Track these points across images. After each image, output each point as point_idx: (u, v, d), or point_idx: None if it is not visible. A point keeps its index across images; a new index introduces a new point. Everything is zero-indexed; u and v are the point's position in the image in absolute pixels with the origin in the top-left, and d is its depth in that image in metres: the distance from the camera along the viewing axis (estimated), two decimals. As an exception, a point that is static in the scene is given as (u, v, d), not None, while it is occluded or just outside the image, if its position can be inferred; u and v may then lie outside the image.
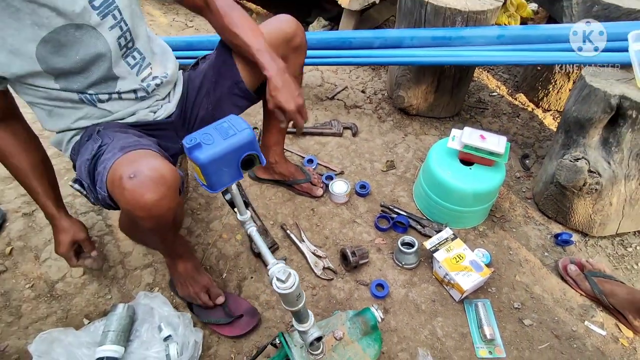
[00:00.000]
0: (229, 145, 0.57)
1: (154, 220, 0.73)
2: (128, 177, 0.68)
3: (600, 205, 1.24)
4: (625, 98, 1.07)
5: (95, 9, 0.79)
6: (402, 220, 1.36)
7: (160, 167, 0.71)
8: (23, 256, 1.27)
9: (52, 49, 0.76)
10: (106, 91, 0.89)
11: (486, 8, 1.42)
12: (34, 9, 0.72)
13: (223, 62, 1.06)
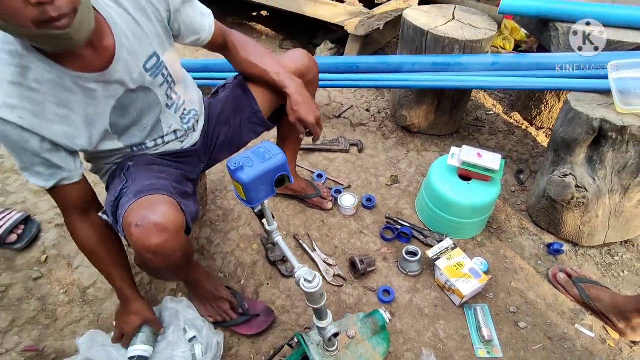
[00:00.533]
0: (266, 167, 0.69)
1: (161, 260, 0.83)
2: (135, 224, 0.78)
3: (587, 217, 1.36)
4: (605, 121, 1.19)
5: (148, 71, 0.89)
6: (406, 231, 1.47)
7: (165, 213, 0.80)
8: (57, 263, 1.38)
9: (119, 113, 0.89)
10: (156, 136, 1.01)
11: (481, 37, 1.56)
12: (105, 87, 0.84)
13: (241, 93, 1.18)
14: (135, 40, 0.85)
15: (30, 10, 0.61)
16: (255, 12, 3.17)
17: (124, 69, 0.84)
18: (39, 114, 0.77)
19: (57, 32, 0.65)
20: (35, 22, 0.63)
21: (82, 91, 0.81)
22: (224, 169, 1.71)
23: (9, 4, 0.60)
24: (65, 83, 0.78)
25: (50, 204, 1.56)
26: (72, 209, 0.95)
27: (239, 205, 1.60)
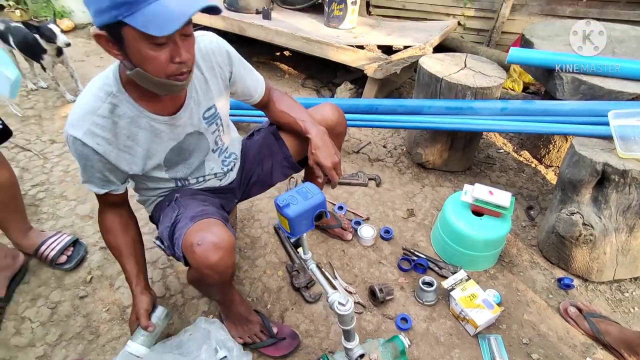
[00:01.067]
0: (308, 205, 0.82)
1: (217, 275, 0.95)
2: (196, 244, 0.90)
3: (595, 254, 1.44)
4: (608, 165, 1.30)
5: (205, 119, 1.07)
6: (422, 262, 1.57)
7: (220, 234, 0.93)
8: (100, 283, 1.50)
9: (175, 152, 1.06)
10: (198, 175, 1.18)
11: (491, 85, 1.71)
12: (171, 129, 1.01)
13: (274, 140, 1.33)
14: (202, 93, 1.04)
15: (171, 66, 0.81)
16: (278, 52, 3.42)
17: (188, 116, 1.02)
18: (113, 142, 0.94)
19: (178, 83, 0.85)
20: (168, 75, 0.83)
21: (151, 130, 0.98)
22: (252, 200, 1.85)
23: (158, 60, 0.79)
24: (141, 121, 0.95)
25: (94, 228, 1.71)
26: (109, 205, 1.12)
27: (266, 234, 1.73)
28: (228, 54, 1.08)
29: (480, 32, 3.05)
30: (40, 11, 3.83)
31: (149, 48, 0.77)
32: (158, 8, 0.73)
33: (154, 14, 0.72)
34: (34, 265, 1.54)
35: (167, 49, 0.79)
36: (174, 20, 0.72)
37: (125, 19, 0.72)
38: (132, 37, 0.76)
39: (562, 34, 2.01)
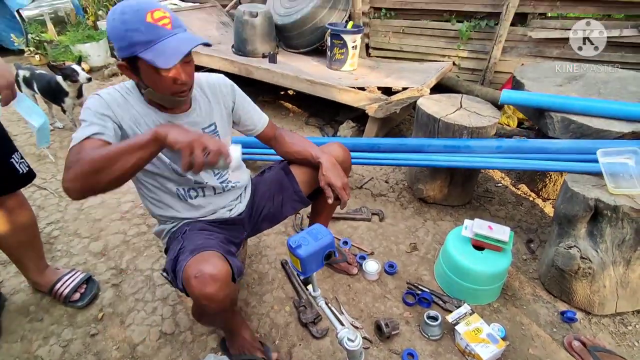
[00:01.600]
0: (319, 245, 0.88)
1: (216, 305, 0.99)
2: (194, 276, 0.96)
3: (595, 287, 1.47)
4: (600, 201, 1.37)
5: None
6: (426, 297, 1.60)
7: (217, 265, 0.98)
8: (111, 321, 1.54)
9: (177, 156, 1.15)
10: (196, 178, 1.25)
11: (486, 124, 1.82)
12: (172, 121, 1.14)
13: (284, 175, 1.43)
14: (204, 112, 1.21)
15: (174, 86, 1.02)
16: (283, 92, 3.59)
17: (189, 120, 1.17)
18: (123, 114, 1.06)
19: (180, 98, 1.06)
20: (172, 93, 1.04)
21: (154, 121, 1.12)
22: (259, 236, 1.91)
23: (164, 83, 1.00)
24: (149, 111, 1.11)
25: (107, 266, 1.76)
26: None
27: (273, 269, 1.77)
28: (232, 87, 1.29)
29: (475, 71, 3.22)
30: (58, 56, 4.06)
31: (157, 74, 0.99)
32: (162, 47, 0.94)
33: (159, 51, 0.94)
34: (47, 303, 1.58)
35: (171, 74, 1.00)
36: (173, 56, 0.94)
37: (139, 54, 0.94)
38: (144, 66, 0.98)
39: (550, 75, 2.14)
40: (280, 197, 1.43)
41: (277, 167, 1.48)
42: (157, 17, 0.95)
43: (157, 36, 0.94)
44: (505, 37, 2.88)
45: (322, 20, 3.02)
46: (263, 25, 2.96)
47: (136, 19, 0.93)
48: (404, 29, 3.33)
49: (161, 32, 0.95)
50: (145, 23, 0.93)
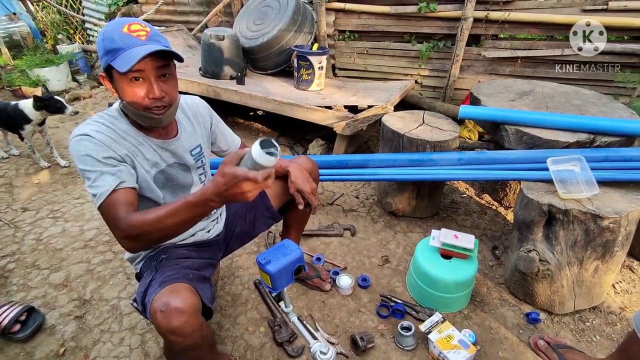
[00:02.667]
0: (288, 260, 0.90)
1: (182, 339, 0.95)
2: (160, 310, 0.93)
3: (555, 287, 1.56)
4: (552, 206, 1.46)
5: (192, 155, 1.22)
6: (400, 308, 1.63)
7: (185, 298, 0.95)
8: (74, 356, 1.45)
9: (164, 176, 1.16)
10: None
11: (447, 138, 1.92)
12: (163, 152, 1.14)
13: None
14: (190, 134, 1.22)
15: (146, 100, 1.00)
16: (252, 112, 3.62)
17: (179, 145, 1.17)
18: (119, 150, 1.03)
19: (154, 116, 1.03)
20: (144, 108, 1.01)
21: (146, 147, 1.10)
22: (231, 257, 1.89)
23: (136, 95, 0.99)
24: (139, 138, 1.09)
25: (69, 297, 1.68)
26: (124, 206, 0.97)
27: (246, 290, 1.75)
28: (209, 109, 1.32)
29: (436, 89, 3.39)
30: (14, 81, 3.91)
31: (127, 84, 0.98)
32: (129, 53, 0.94)
33: (124, 57, 0.94)
34: (1, 343, 1.48)
35: (143, 86, 0.99)
36: (133, 58, 0.93)
37: (111, 62, 0.95)
38: (116, 76, 0.98)
39: (503, 91, 2.30)
40: (252, 214, 1.43)
41: None
42: (133, 29, 0.97)
43: (128, 44, 0.95)
44: (462, 57, 3.07)
45: (288, 43, 3.10)
46: (230, 48, 3.01)
47: (114, 29, 0.96)
48: (367, 50, 3.47)
49: (132, 41, 0.95)
50: (120, 33, 0.95)
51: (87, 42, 5.42)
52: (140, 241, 0.95)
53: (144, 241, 0.95)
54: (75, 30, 5.56)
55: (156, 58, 0.97)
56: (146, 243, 0.96)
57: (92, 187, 0.97)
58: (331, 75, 3.58)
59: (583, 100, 2.11)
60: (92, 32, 5.19)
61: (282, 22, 3.02)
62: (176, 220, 0.91)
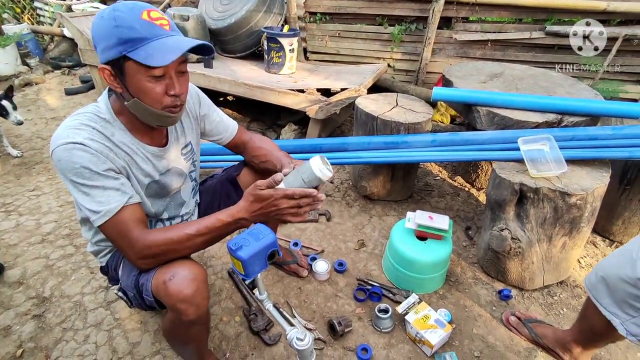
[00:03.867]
0: (261, 245, 0.85)
1: (194, 309, 0.91)
2: (168, 279, 0.89)
3: (525, 264, 1.60)
4: (523, 184, 1.49)
5: (183, 155, 1.15)
6: (377, 291, 1.62)
7: (191, 267, 0.92)
8: (34, 356, 1.36)
9: (159, 185, 1.08)
10: (174, 214, 1.20)
11: (421, 120, 1.91)
12: (159, 161, 1.07)
13: (232, 188, 1.39)
14: (179, 131, 1.14)
15: (166, 98, 0.91)
16: (222, 98, 3.48)
17: (173, 150, 1.11)
18: (116, 161, 0.94)
19: (172, 115, 0.94)
20: (163, 107, 0.92)
21: (142, 157, 1.02)
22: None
23: (154, 92, 0.89)
24: (133, 147, 0.99)
25: (25, 295, 1.56)
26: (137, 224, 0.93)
27: (220, 280, 1.69)
28: (198, 96, 1.21)
29: (408, 72, 3.38)
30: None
31: (147, 80, 0.87)
32: (158, 44, 0.84)
33: (154, 49, 0.83)
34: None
35: (163, 82, 0.89)
36: (171, 52, 0.83)
37: (129, 54, 0.83)
38: (132, 70, 0.86)
39: (474, 73, 2.31)
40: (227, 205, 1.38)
41: (222, 177, 1.42)
42: (154, 16, 0.86)
43: (153, 34, 0.84)
44: (434, 40, 3.07)
45: (257, 24, 2.99)
46: (195, 29, 2.86)
47: (130, 16, 0.84)
48: (339, 33, 3.41)
49: (158, 30, 0.85)
50: (140, 20, 0.84)
51: (37, 23, 5.02)
52: (160, 259, 0.93)
53: (163, 259, 0.93)
54: (23, 10, 5.14)
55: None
56: (164, 261, 0.93)
57: (94, 203, 0.89)
58: (303, 59, 3.50)
59: (551, 82, 2.15)
60: (43, 12, 4.80)
61: (251, 1, 2.90)
62: (206, 239, 0.94)
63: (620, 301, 1.01)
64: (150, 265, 0.94)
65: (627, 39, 2.59)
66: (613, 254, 1.08)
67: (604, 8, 2.55)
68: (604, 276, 1.04)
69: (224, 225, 0.93)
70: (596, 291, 1.07)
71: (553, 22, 2.76)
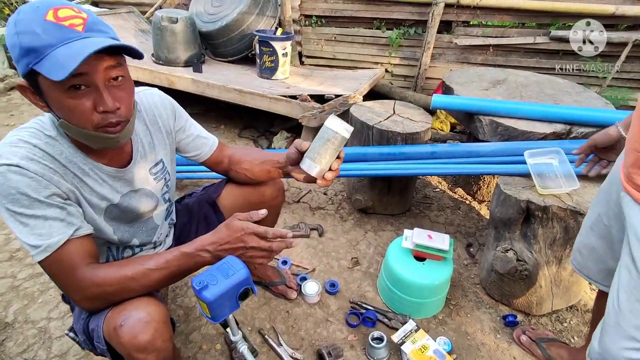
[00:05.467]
0: (230, 283, 0.72)
1: (154, 356, 0.78)
2: (119, 325, 0.76)
3: (533, 288, 1.47)
4: (531, 202, 1.36)
5: (153, 175, 1.01)
6: (371, 316, 1.49)
7: (148, 306, 0.79)
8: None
9: (120, 209, 0.94)
10: (146, 240, 1.06)
11: (419, 130, 1.78)
12: (116, 183, 0.92)
13: (212, 211, 1.24)
14: (148, 148, 0.99)
15: (95, 116, 0.74)
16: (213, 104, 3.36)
17: (137, 171, 0.95)
18: (61, 185, 0.79)
19: (110, 135, 0.78)
20: (95, 126, 0.75)
21: (96, 178, 0.87)
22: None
23: (79, 110, 0.73)
24: (85, 167, 0.84)
25: (-13, 320, 1.42)
26: (83, 258, 0.80)
27: (201, 302, 1.56)
28: (172, 107, 1.06)
29: (407, 78, 3.27)
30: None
31: (67, 97, 0.71)
32: (62, 51, 0.68)
33: (57, 58, 0.67)
34: None
35: (89, 97, 0.73)
36: (70, 61, 0.66)
37: (35, 67, 0.68)
38: (46, 86, 0.71)
39: (476, 79, 2.19)
40: (204, 229, 1.24)
41: (201, 198, 1.28)
42: (62, 15, 0.69)
43: (59, 39, 0.68)
44: (434, 44, 2.96)
45: (249, 27, 2.87)
46: (185, 31, 2.74)
47: (32, 18, 0.68)
48: (335, 37, 3.29)
49: (66, 33, 0.69)
50: (44, 23, 0.68)
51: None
52: (111, 300, 0.81)
53: (116, 299, 0.80)
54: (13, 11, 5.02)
55: (104, 56, 0.72)
56: (117, 301, 0.81)
57: (33, 236, 0.75)
58: (298, 64, 3.39)
59: (557, 90, 2.04)
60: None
61: (243, 3, 2.79)
62: (166, 274, 0.81)
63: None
64: (100, 306, 0.81)
65: (638, 44, 2.48)
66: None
67: (613, 12, 2.44)
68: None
69: (184, 258, 0.80)
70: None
71: (558, 26, 2.65)
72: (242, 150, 1.21)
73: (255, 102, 2.40)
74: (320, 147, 0.86)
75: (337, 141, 0.86)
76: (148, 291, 0.83)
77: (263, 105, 2.39)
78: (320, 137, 0.87)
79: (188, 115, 1.12)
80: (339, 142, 0.86)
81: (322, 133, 0.86)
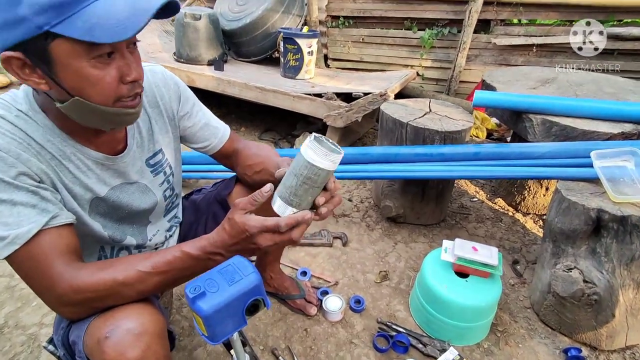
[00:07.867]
0: (235, 291, 0.54)
1: None
2: (104, 337, 0.60)
3: (602, 316, 1.21)
4: (603, 211, 1.13)
5: (150, 167, 0.86)
6: (402, 340, 1.27)
7: (139, 315, 0.64)
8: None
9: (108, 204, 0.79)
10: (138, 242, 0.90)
11: (460, 128, 1.58)
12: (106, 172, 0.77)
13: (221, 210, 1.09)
14: (146, 135, 0.85)
15: (122, 87, 0.64)
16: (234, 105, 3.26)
17: (130, 161, 0.81)
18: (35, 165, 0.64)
19: (131, 110, 0.67)
20: (117, 99, 0.64)
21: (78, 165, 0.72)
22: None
23: (104, 82, 0.61)
24: (65, 150, 0.70)
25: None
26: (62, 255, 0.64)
27: (208, 314, 1.38)
28: (177, 88, 0.90)
29: (439, 81, 3.07)
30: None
31: (90, 66, 0.59)
32: (101, 8, 0.56)
33: (98, 17, 0.55)
34: None
35: (114, 65, 0.62)
36: (133, 14, 0.55)
37: (54, 29, 0.54)
38: (66, 53, 0.57)
39: (521, 79, 1.98)
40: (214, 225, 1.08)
41: (210, 195, 1.13)
42: None
43: None
44: (469, 45, 2.76)
45: (274, 26, 2.77)
46: (208, 29, 2.66)
47: None
48: (364, 38, 3.15)
49: None
50: None
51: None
52: (95, 307, 0.65)
53: (100, 306, 0.65)
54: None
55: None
56: (101, 308, 0.65)
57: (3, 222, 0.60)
58: (323, 66, 3.25)
59: (617, 88, 1.79)
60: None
61: (268, 1, 2.69)
62: (166, 279, 0.65)
63: None
64: (80, 314, 0.65)
65: None
66: None
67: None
68: None
69: (191, 260, 0.64)
70: None
71: (613, 23, 2.40)
72: (254, 145, 1.03)
73: (277, 100, 2.26)
74: (298, 187, 0.63)
75: (319, 178, 0.62)
76: (141, 297, 0.66)
77: (286, 104, 2.24)
78: (295, 173, 0.62)
79: (196, 98, 0.96)
80: (322, 179, 0.62)
81: (297, 164, 0.62)
